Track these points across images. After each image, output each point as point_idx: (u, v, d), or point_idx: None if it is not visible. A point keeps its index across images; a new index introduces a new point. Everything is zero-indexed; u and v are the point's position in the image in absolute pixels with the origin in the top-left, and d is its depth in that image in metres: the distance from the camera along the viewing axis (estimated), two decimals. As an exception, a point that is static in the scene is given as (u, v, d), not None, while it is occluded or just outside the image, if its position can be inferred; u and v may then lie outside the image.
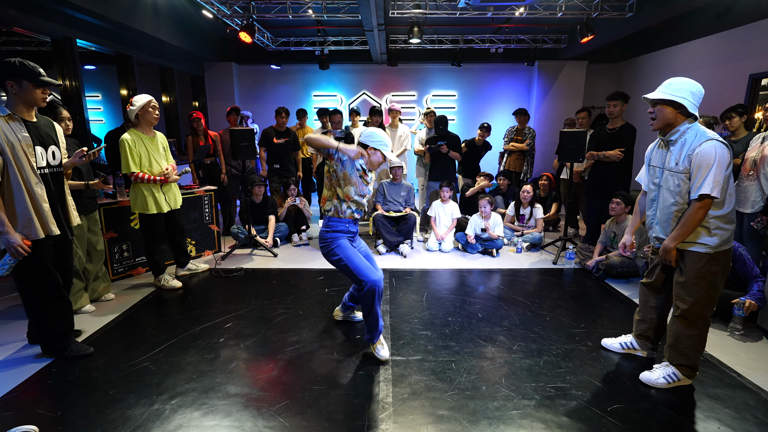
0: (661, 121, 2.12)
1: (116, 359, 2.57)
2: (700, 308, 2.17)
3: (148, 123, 3.38)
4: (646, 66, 7.58)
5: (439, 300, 3.46)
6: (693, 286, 2.15)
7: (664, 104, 2.09)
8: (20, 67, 2.25)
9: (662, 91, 2.10)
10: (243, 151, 4.51)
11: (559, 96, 8.50)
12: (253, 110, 8.89)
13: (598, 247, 4.13)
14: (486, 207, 4.68)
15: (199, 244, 4.54)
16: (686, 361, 2.26)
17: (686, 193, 2.09)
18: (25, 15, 4.20)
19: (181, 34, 6.59)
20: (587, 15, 5.88)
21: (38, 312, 2.49)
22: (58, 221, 2.43)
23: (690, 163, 2.04)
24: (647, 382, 2.31)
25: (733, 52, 5.62)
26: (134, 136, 3.33)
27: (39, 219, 2.32)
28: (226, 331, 2.91)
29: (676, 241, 2.13)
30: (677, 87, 2.07)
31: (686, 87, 2.07)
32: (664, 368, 2.31)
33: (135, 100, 3.32)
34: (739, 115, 3.68)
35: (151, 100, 3.35)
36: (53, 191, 2.42)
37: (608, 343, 2.70)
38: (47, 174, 2.40)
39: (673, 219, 2.17)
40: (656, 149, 2.29)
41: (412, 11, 5.97)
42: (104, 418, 2.04)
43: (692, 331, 2.21)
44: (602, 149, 4.18)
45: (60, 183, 2.52)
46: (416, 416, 2.07)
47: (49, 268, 2.43)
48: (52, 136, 2.47)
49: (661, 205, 2.23)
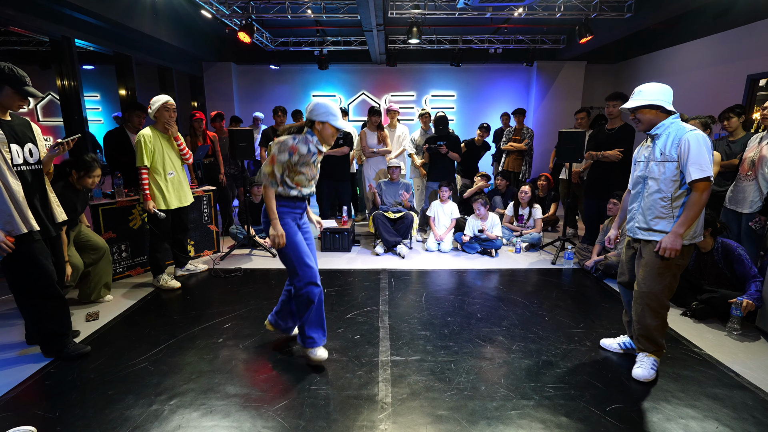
0: (645, 123, 2.30)
1: (115, 360, 2.56)
2: (663, 297, 2.29)
3: (163, 123, 3.46)
4: (645, 66, 7.60)
5: (438, 300, 3.46)
6: (658, 276, 2.26)
7: (642, 110, 2.27)
8: (9, 73, 2.23)
9: (637, 99, 2.28)
10: (242, 151, 4.50)
11: (557, 96, 8.51)
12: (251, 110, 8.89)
13: (596, 247, 4.14)
14: (481, 209, 4.69)
15: (198, 244, 4.54)
16: (656, 346, 2.40)
17: (670, 181, 2.20)
18: (24, 14, 4.19)
19: (180, 34, 6.58)
20: (586, 15, 5.90)
21: (32, 311, 2.47)
22: (38, 217, 2.40)
23: (678, 151, 2.16)
24: (641, 379, 2.35)
25: (731, 52, 5.63)
26: (153, 132, 3.44)
27: (19, 214, 2.28)
28: (225, 332, 2.91)
29: (684, 227, 2.16)
30: (649, 92, 2.25)
31: (656, 90, 2.25)
32: (646, 360, 2.39)
33: (154, 100, 3.43)
34: (737, 116, 3.69)
35: (167, 102, 3.44)
36: (32, 188, 2.39)
37: (607, 343, 2.70)
38: (25, 171, 2.36)
39: (656, 205, 2.26)
40: (641, 148, 2.42)
41: (411, 11, 5.97)
42: (103, 419, 2.04)
43: (658, 321, 2.33)
44: (601, 149, 4.19)
45: (40, 180, 2.47)
46: (415, 416, 2.07)
47: (38, 263, 2.39)
48: (29, 134, 2.43)
49: (645, 194, 2.32)
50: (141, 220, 3.96)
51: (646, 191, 2.31)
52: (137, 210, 3.92)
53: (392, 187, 5.04)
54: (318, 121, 2.30)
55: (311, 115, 2.31)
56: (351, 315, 3.17)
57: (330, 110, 2.29)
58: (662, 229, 2.24)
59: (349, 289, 3.68)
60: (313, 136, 2.33)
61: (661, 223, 2.25)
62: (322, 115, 2.28)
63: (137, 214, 3.93)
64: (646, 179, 2.31)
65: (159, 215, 3.44)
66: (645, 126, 2.30)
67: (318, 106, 2.29)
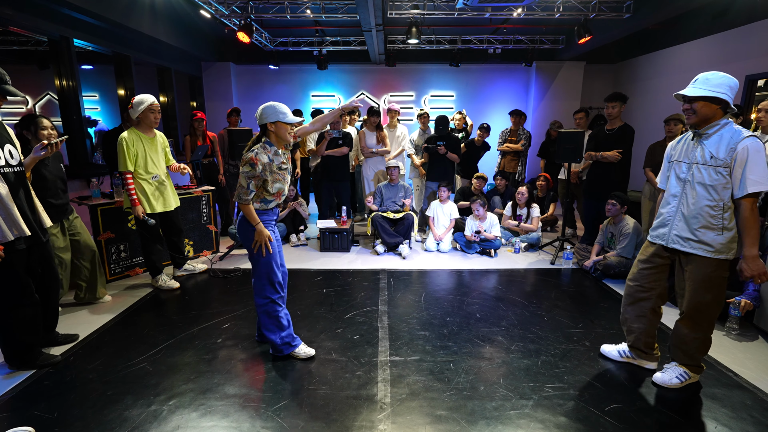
0: (700, 117, 2.03)
1: (113, 360, 2.56)
2: (708, 312, 2.15)
3: (147, 125, 3.38)
4: (644, 67, 7.61)
5: (437, 300, 3.46)
6: (703, 290, 2.11)
7: (704, 101, 2.01)
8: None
9: (701, 87, 2.01)
10: (240, 151, 4.49)
11: (556, 96, 8.52)
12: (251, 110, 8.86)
13: (595, 248, 4.14)
14: (479, 210, 4.69)
15: (197, 244, 4.53)
16: (691, 361, 2.28)
17: (722, 189, 1.99)
18: (22, 14, 4.18)
19: (179, 34, 6.58)
20: (585, 16, 5.90)
21: (5, 323, 2.34)
22: (28, 222, 2.29)
23: (732, 157, 1.96)
24: (661, 383, 2.32)
25: (729, 53, 5.64)
26: (133, 135, 3.33)
27: (7, 221, 2.18)
28: (224, 332, 2.91)
29: (755, 246, 1.97)
30: (717, 83, 1.99)
31: (725, 82, 1.99)
32: (675, 368, 2.33)
33: (137, 101, 3.30)
34: (736, 117, 3.69)
35: (152, 104, 3.34)
36: (17, 191, 2.28)
37: (607, 350, 2.63)
38: (8, 174, 2.24)
39: (705, 215, 2.04)
40: (680, 145, 2.21)
41: (410, 12, 5.97)
42: (101, 419, 2.03)
43: (697, 334, 2.21)
44: (600, 150, 4.20)
45: (24, 183, 2.35)
46: (414, 416, 2.07)
47: (20, 273, 2.30)
48: (5, 135, 2.30)
49: (689, 201, 2.10)
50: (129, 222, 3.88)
51: (691, 197, 2.09)
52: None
53: (392, 190, 5.04)
54: (269, 122, 2.29)
55: (261, 120, 2.31)
56: (350, 315, 3.17)
57: (277, 109, 2.28)
58: (708, 241, 2.04)
59: (348, 290, 3.68)
60: (271, 146, 2.33)
61: (709, 234, 2.04)
62: (270, 116, 2.28)
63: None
64: (690, 183, 2.10)
65: (148, 221, 3.37)
66: (698, 120, 2.04)
67: (265, 108, 2.30)
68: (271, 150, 2.32)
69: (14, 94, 2.24)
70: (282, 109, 2.29)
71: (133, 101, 3.31)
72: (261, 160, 2.26)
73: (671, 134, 4.14)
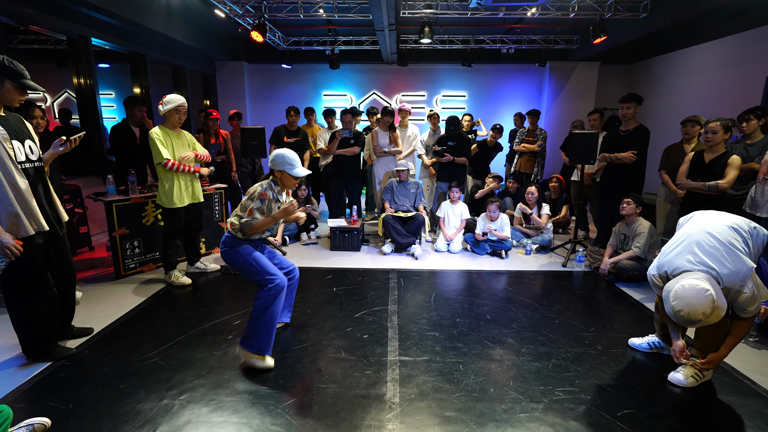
0: None
1: (126, 354, 2.60)
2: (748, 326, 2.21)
3: (172, 123, 3.50)
4: (660, 67, 7.48)
5: (447, 301, 3.45)
6: (750, 304, 2.13)
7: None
8: (8, 66, 2.16)
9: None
10: (253, 149, 4.53)
11: (570, 97, 8.42)
12: (263, 109, 8.95)
13: (608, 250, 4.08)
14: (495, 212, 4.66)
15: (209, 241, 4.58)
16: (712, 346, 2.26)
17: None
18: (42, 14, 4.28)
19: (194, 33, 6.66)
20: (600, 15, 5.82)
21: (24, 316, 2.39)
22: (46, 217, 2.34)
23: None
24: (677, 383, 2.33)
25: (749, 53, 5.52)
26: (162, 131, 3.46)
27: (27, 215, 2.22)
28: (235, 329, 2.93)
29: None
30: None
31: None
32: (690, 368, 2.34)
33: (167, 99, 3.41)
34: (757, 118, 3.61)
35: (180, 105, 3.44)
36: (37, 186, 2.32)
37: (636, 342, 2.69)
38: (29, 169, 2.28)
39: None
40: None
41: (423, 11, 5.96)
42: (114, 412, 2.07)
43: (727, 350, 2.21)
44: (614, 151, 4.13)
45: (42, 178, 2.39)
46: (423, 417, 2.07)
47: (39, 267, 2.35)
48: (25, 131, 2.35)
49: None
50: (153, 217, 4.00)
51: None
52: (150, 207, 3.96)
53: (402, 187, 5.05)
54: (277, 170, 2.50)
55: (272, 165, 2.50)
56: (360, 314, 3.17)
57: (286, 160, 2.47)
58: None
59: (358, 289, 3.68)
60: (276, 186, 2.52)
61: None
62: (279, 165, 2.47)
63: (150, 210, 3.98)
64: None
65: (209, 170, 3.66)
66: None
67: (276, 156, 2.48)
68: (276, 189, 2.52)
69: (34, 88, 2.28)
70: (290, 161, 2.47)
71: (164, 98, 3.42)
72: (269, 196, 2.46)
73: (688, 136, 4.06)
